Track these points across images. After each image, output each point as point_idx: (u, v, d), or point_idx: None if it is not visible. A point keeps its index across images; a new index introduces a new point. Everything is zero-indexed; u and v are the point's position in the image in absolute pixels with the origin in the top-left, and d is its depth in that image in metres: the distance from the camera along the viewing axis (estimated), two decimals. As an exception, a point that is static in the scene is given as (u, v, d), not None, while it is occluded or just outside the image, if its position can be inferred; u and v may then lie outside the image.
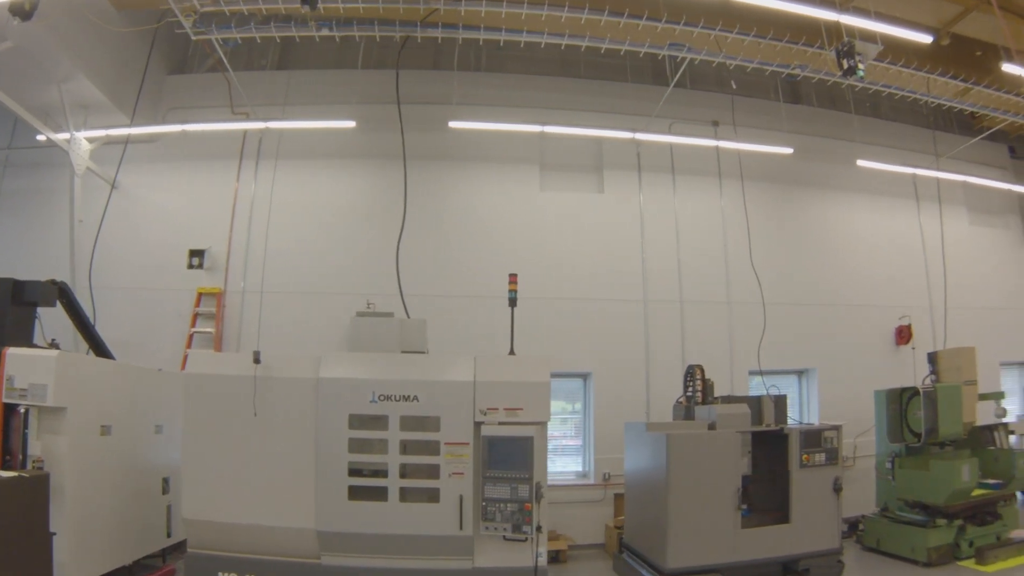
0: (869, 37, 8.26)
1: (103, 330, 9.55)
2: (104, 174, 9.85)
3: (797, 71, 9.26)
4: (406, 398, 5.88)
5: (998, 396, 9.32)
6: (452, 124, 9.47)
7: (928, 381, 9.64)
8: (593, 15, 8.35)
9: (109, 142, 9.64)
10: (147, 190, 10.24)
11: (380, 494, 5.76)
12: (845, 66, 7.85)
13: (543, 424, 5.93)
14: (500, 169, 10.34)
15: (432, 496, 5.78)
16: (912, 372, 11.44)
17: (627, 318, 10.25)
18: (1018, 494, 11.65)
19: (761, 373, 10.86)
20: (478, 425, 5.86)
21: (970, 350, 9.33)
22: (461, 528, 5.73)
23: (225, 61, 9.27)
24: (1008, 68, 9.02)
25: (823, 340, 11.04)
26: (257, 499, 5.78)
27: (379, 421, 5.86)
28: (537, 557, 5.71)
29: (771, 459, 7.97)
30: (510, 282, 6.78)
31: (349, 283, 9.73)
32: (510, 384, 5.92)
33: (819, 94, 12.12)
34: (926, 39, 8.24)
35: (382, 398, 5.88)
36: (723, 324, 10.56)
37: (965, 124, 13.16)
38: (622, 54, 9.57)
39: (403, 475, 5.80)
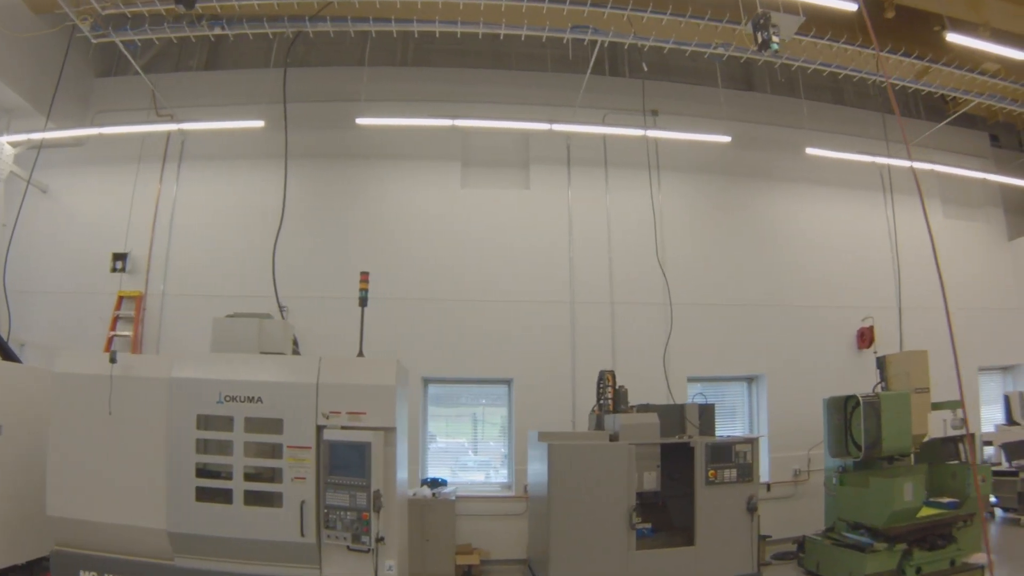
0: (792, 9, 7.59)
1: (26, 333, 9.44)
2: (29, 177, 9.67)
3: (720, 50, 8.56)
4: (251, 399, 5.69)
5: (953, 405, 8.40)
6: (359, 121, 9.00)
7: (879, 388, 8.79)
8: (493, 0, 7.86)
9: (42, 145, 9.49)
10: (74, 194, 10.09)
11: (226, 496, 5.59)
12: (760, 40, 7.17)
13: (390, 430, 5.64)
14: (417, 166, 9.86)
15: (275, 501, 5.57)
16: (874, 379, 10.55)
17: (553, 321, 9.63)
18: (999, 512, 10.71)
19: (701, 380, 10.21)
20: (321, 429, 5.60)
21: (921, 354, 8.45)
22: (303, 535, 5.48)
23: (134, 63, 9.13)
24: (953, 38, 8.19)
25: (775, 344, 10.22)
26: (115, 498, 5.71)
27: (227, 422, 5.69)
28: (388, 570, 5.48)
29: (687, 475, 7.26)
30: (361, 280, 6.57)
31: (264, 286, 9.35)
32: (354, 387, 5.66)
33: (773, 80, 11.33)
34: (851, 7, 7.49)
35: (228, 399, 5.71)
36: (659, 327, 9.83)
37: (938, 110, 12.21)
38: (544, 42, 9.06)
39: (249, 478, 5.61)
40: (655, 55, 9.86)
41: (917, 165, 10.73)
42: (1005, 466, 10.38)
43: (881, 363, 8.76)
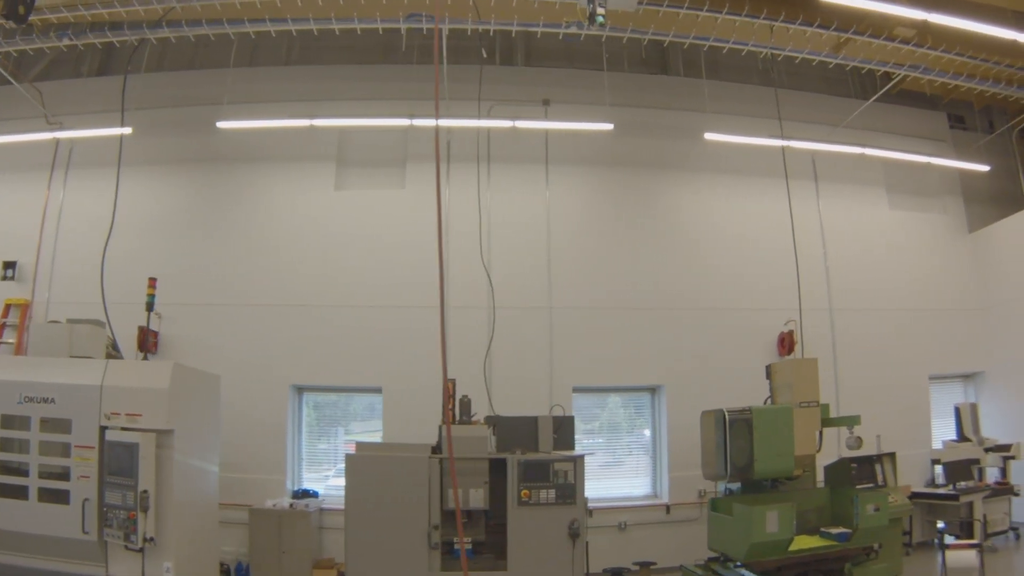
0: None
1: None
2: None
3: (574, 30, 7.82)
4: (45, 400, 6.12)
5: (850, 421, 7.37)
6: (220, 125, 8.65)
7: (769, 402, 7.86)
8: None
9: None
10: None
11: (23, 492, 5.98)
12: (588, 12, 6.44)
13: (164, 432, 5.91)
14: (292, 168, 9.46)
15: (64, 498, 5.93)
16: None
17: (428, 327, 8.95)
18: (988, 539, 9.37)
19: (590, 391, 9.45)
20: (104, 429, 5.96)
21: (809, 363, 7.48)
22: (84, 532, 5.83)
23: (5, 73, 9.05)
24: None
25: (678, 351, 9.36)
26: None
27: (25, 422, 6.10)
28: (165, 571, 5.76)
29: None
30: (149, 286, 6.83)
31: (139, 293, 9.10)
32: (134, 390, 6.02)
33: (690, 63, 10.38)
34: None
35: (27, 400, 6.12)
36: (543, 332, 9.11)
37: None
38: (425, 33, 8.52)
39: (47, 475, 6.00)
40: (551, 41, 9.18)
41: (837, 149, 9.75)
42: (950, 489, 9.19)
43: (768, 373, 7.80)
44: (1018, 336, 10.15)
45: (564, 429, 7.59)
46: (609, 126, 8.80)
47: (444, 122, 9.03)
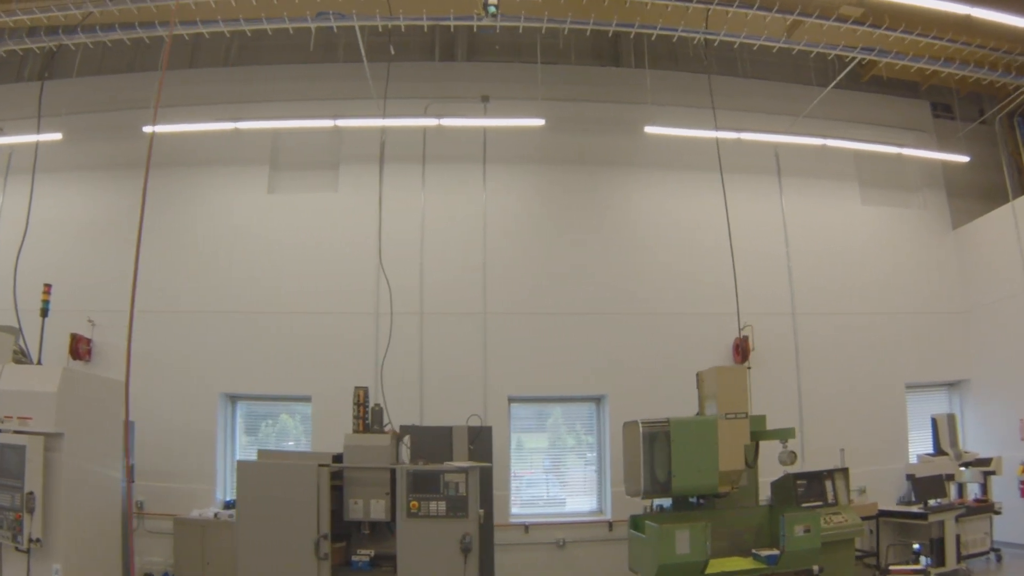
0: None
1: None
2: None
3: (464, 22, 7.48)
4: None
5: (782, 434, 6.77)
6: (146, 129, 8.52)
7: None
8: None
9: None
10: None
11: None
12: (483, 2, 6.12)
13: (53, 435, 5.82)
14: (224, 172, 9.29)
15: None
16: (755, 399, 8.95)
17: (358, 334, 8.76)
18: (962, 561, 8.61)
19: (527, 400, 9.04)
20: None
21: (736, 371, 6.95)
22: None
23: None
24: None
25: (622, 359, 8.87)
26: None
27: None
28: (54, 573, 5.64)
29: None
30: (44, 292, 6.73)
31: (77, 300, 9.05)
32: (24, 393, 5.96)
33: (646, 54, 9.87)
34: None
35: None
36: (476, 339, 8.74)
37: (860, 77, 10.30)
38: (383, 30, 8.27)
39: None
40: (497, 36, 8.86)
41: (795, 140, 9.14)
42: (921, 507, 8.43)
43: (698, 382, 7.27)
44: (1004, 341, 9.33)
45: (482, 439, 7.32)
46: (540, 122, 8.39)
47: (376, 122, 8.78)
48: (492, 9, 5.95)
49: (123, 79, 9.58)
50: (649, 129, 8.60)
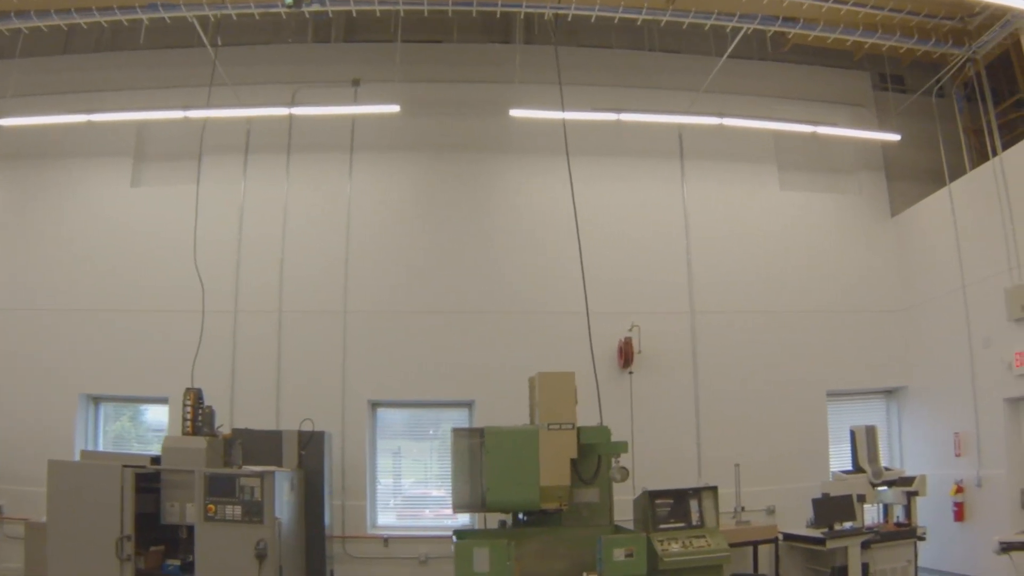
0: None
1: None
2: None
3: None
4: None
5: (614, 448, 5.92)
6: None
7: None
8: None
9: None
10: None
11: None
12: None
13: None
14: (85, 164, 8.91)
15: None
16: (633, 405, 8.11)
17: (217, 333, 8.27)
18: None
19: (391, 405, 8.41)
20: None
21: (562, 376, 6.10)
22: None
23: None
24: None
25: (494, 362, 8.14)
26: None
27: None
28: None
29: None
30: None
31: None
32: None
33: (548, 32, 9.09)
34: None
35: None
36: (336, 339, 8.17)
37: (812, 51, 9.21)
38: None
39: None
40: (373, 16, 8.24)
41: (688, 120, 8.22)
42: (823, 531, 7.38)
43: (530, 388, 6.49)
44: (939, 344, 8.18)
45: (314, 445, 6.91)
46: (395, 108, 7.73)
47: (235, 112, 8.31)
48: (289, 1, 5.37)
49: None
50: (514, 112, 7.84)
